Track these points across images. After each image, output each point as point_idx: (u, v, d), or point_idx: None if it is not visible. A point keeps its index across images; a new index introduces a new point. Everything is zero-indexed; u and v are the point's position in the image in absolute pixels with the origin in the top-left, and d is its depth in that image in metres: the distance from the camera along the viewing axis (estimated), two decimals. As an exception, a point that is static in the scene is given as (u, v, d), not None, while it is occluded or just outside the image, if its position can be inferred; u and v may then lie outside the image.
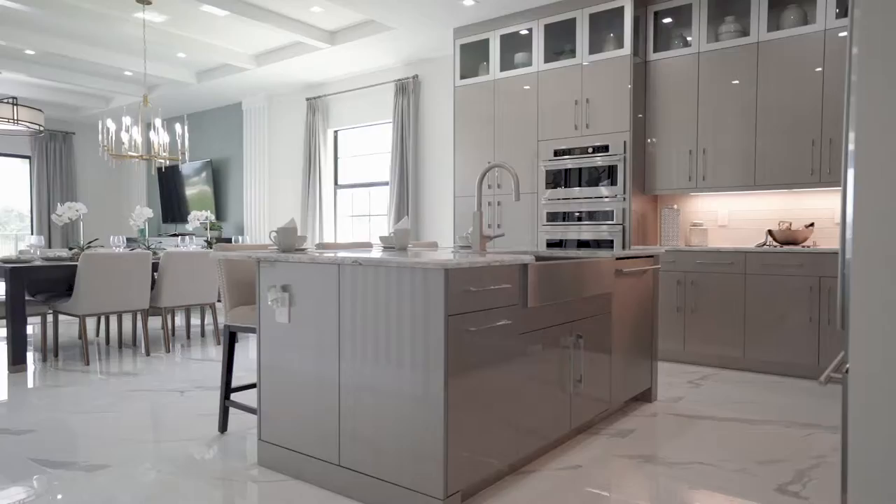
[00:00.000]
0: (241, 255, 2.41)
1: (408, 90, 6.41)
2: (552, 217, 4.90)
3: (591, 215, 4.70)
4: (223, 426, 2.86)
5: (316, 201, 7.28)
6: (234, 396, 3.41)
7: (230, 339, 2.82)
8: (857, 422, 1.16)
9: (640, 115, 4.71)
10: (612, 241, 4.61)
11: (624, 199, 4.54)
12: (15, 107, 6.83)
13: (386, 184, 6.89)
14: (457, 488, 1.97)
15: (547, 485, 2.27)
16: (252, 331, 2.71)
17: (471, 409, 2.02)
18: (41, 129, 7.17)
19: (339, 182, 7.42)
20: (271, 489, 2.25)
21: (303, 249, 2.64)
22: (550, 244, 4.92)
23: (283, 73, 6.90)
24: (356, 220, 7.31)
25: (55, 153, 9.60)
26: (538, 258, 3.11)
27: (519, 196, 2.74)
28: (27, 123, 6.99)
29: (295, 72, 6.87)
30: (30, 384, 3.84)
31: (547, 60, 4.93)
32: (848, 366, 1.31)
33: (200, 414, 3.17)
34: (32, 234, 9.62)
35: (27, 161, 9.56)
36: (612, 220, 4.59)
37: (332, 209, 7.42)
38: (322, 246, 3.22)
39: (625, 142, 4.52)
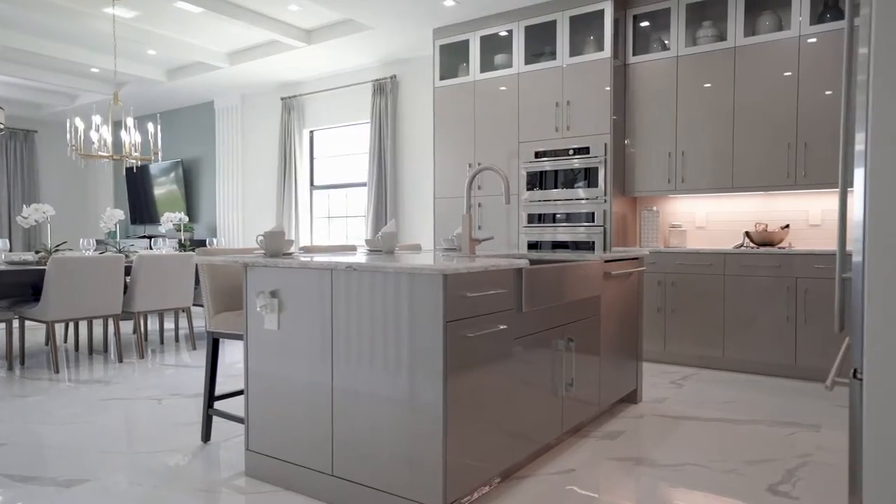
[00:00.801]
0: (228, 260, 2.33)
1: (386, 90, 6.36)
2: (532, 219, 4.91)
3: (572, 217, 4.72)
4: (206, 435, 2.77)
5: (291, 202, 7.16)
6: (216, 405, 3.32)
7: (213, 346, 2.74)
8: (873, 425, 1.17)
9: (620, 118, 4.75)
10: (592, 243, 4.64)
11: (605, 200, 4.57)
12: (-26, 104, 6.56)
13: (363, 185, 6.82)
14: (455, 496, 1.94)
15: (541, 490, 2.26)
16: (237, 337, 2.63)
17: (468, 415, 2.00)
18: (1, 126, 6.90)
19: (316, 183, 7.32)
20: (259, 500, 2.18)
21: (290, 254, 2.58)
22: (531, 246, 4.93)
23: (257, 71, 6.77)
24: (333, 221, 7.22)
25: (16, 152, 9.25)
26: (530, 262, 3.09)
27: (509, 199, 2.72)
28: (-13, 121, 6.72)
29: (270, 71, 6.75)
30: (-4, 394, 3.68)
31: (527, 62, 4.94)
32: (855, 369, 1.32)
33: (180, 423, 3.08)
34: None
35: (-14, 160, 9.18)
36: (593, 221, 4.61)
37: (308, 210, 7.31)
38: (306, 249, 3.16)
39: (605, 144, 4.55)
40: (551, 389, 2.50)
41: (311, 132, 7.31)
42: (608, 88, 4.52)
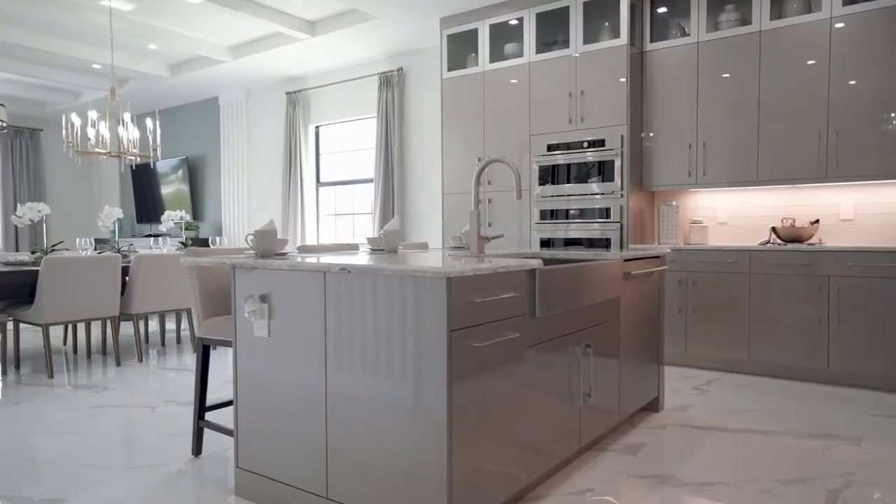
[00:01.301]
0: (215, 262, 2.15)
1: (392, 83, 6.16)
2: (545, 215, 4.69)
3: (587, 213, 4.50)
4: (197, 449, 2.60)
5: (297, 200, 6.99)
6: (210, 415, 3.14)
7: (204, 353, 2.56)
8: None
9: (637, 108, 4.51)
10: (608, 240, 4.42)
11: (621, 195, 4.34)
12: (-25, 101, 6.45)
13: (370, 181, 6.63)
14: (461, 525, 1.74)
15: (557, 512, 2.06)
16: (228, 344, 2.45)
17: (475, 431, 1.80)
18: (4, 124, 6.79)
19: (322, 179, 7.14)
20: (250, 524, 2.00)
21: (283, 254, 2.39)
22: (544, 243, 4.71)
23: (261, 65, 6.60)
24: (339, 218, 7.04)
25: (21, 150, 9.16)
26: (544, 261, 2.89)
27: (520, 193, 2.52)
28: (-12, 119, 6.61)
29: (274, 64, 6.57)
30: (-14, 401, 3.54)
31: (539, 51, 4.72)
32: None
33: (172, 433, 2.91)
34: (-1, 235, 9.18)
35: (-8, 159, 9.11)
36: (609, 217, 4.39)
37: (315, 208, 7.13)
38: (305, 249, 2.97)
39: (622, 136, 4.32)
40: (568, 400, 2.30)
41: (317, 127, 7.13)
42: (624, 77, 4.29)
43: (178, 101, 8.37)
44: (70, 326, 6.01)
